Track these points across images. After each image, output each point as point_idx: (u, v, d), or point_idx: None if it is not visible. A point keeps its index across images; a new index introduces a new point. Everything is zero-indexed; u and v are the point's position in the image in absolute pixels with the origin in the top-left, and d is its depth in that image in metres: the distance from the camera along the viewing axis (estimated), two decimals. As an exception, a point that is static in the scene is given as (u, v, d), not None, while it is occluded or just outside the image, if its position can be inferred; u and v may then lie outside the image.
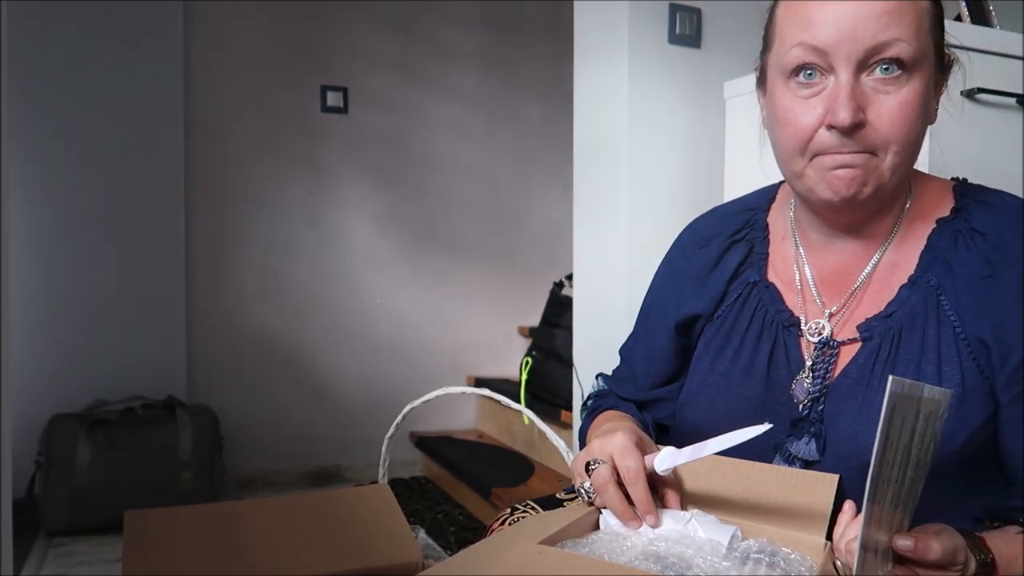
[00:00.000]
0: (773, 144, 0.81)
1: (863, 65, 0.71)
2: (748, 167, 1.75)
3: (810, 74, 0.74)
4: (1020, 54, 1.49)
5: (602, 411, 0.99)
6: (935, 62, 0.75)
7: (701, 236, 0.95)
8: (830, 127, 0.73)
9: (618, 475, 0.73)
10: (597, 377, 1.08)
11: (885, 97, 0.72)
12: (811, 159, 0.75)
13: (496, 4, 3.38)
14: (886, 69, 0.71)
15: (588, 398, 1.06)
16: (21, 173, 2.54)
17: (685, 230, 0.99)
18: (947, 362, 0.73)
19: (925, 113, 0.74)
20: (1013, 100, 1.47)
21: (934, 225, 0.79)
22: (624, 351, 1.04)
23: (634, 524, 0.71)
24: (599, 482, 0.73)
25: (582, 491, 0.75)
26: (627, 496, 0.72)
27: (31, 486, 2.41)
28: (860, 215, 0.79)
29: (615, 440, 0.75)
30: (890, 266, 0.80)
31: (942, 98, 0.81)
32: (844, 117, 0.70)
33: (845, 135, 0.72)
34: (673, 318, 0.93)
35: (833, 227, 0.82)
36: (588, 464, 0.75)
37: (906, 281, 0.78)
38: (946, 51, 0.78)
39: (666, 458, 0.72)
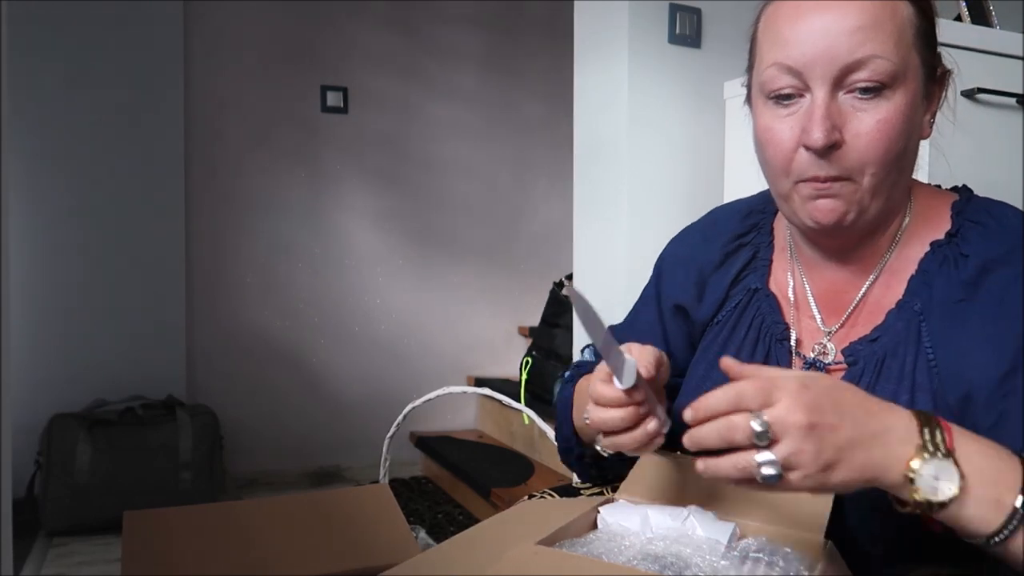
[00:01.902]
0: (760, 163, 0.79)
1: (839, 83, 0.69)
2: (748, 167, 1.75)
3: (788, 94, 0.72)
4: (1020, 54, 1.49)
5: (584, 376, 0.95)
6: (923, 74, 0.72)
7: (705, 232, 0.94)
8: (807, 147, 0.71)
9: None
10: (583, 349, 1.06)
11: (863, 115, 0.69)
12: (795, 183, 0.74)
13: (496, 4, 3.38)
14: (864, 90, 0.69)
15: (565, 369, 1.04)
16: (21, 173, 2.54)
17: (692, 224, 0.98)
18: (921, 390, 0.71)
19: (909, 130, 0.71)
20: (1013, 100, 1.47)
21: (927, 248, 0.76)
22: (616, 329, 1.01)
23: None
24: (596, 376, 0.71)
25: (585, 420, 0.73)
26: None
27: (31, 486, 2.41)
28: (847, 240, 0.78)
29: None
30: (883, 287, 0.78)
31: (941, 109, 0.78)
32: (818, 138, 0.69)
33: (821, 156, 0.70)
34: (670, 301, 0.92)
35: (824, 250, 0.81)
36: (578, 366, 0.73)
37: (894, 306, 0.76)
38: (941, 62, 0.76)
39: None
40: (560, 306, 2.98)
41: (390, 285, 3.22)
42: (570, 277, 2.79)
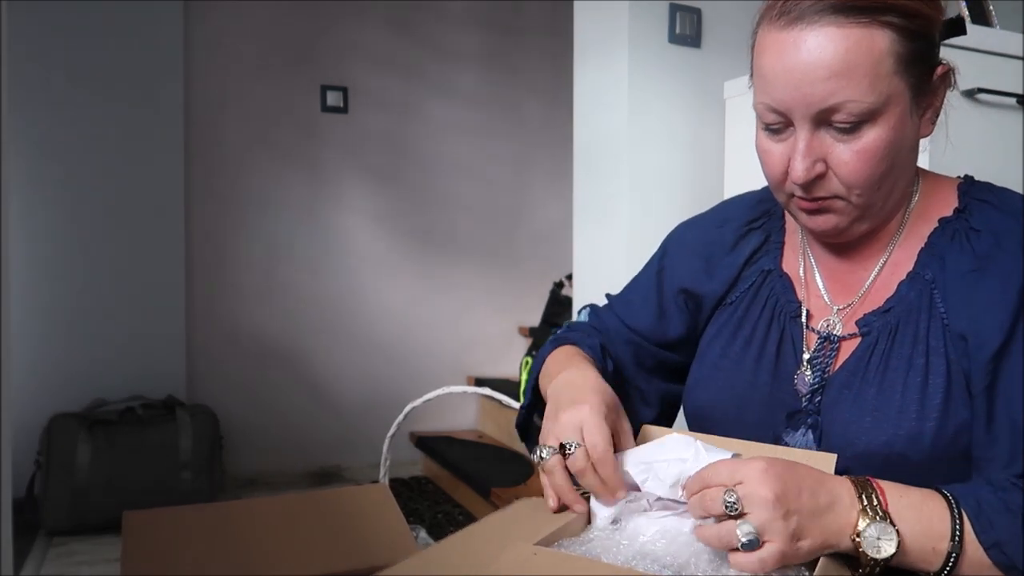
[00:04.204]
0: None
1: (819, 122, 0.72)
2: (748, 167, 1.76)
3: (777, 128, 0.75)
4: (1020, 54, 1.49)
5: (567, 344, 0.96)
6: (910, 94, 0.73)
7: (717, 217, 0.96)
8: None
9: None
10: (581, 310, 1.07)
11: (843, 146, 0.72)
12: (790, 196, 0.78)
13: (496, 4, 3.38)
14: (840, 128, 0.71)
15: (563, 325, 1.06)
16: (21, 173, 2.54)
17: (703, 212, 1.00)
18: (935, 353, 0.74)
19: (895, 148, 0.73)
20: (1013, 100, 1.47)
21: (936, 224, 0.79)
22: (612, 297, 1.03)
23: (609, 499, 0.72)
24: (578, 466, 0.71)
25: (540, 454, 0.74)
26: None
27: (31, 486, 2.41)
28: (851, 237, 0.80)
29: (585, 411, 0.74)
30: (893, 265, 0.81)
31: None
32: (799, 175, 0.73)
33: (805, 188, 0.74)
34: (675, 282, 0.93)
35: (832, 244, 0.84)
36: (563, 446, 0.73)
37: (904, 277, 0.79)
38: (940, 63, 0.76)
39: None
40: (560, 306, 2.98)
41: (390, 285, 3.22)
42: (570, 277, 2.79)
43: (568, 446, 0.72)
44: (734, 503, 0.62)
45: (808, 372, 0.81)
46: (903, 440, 0.72)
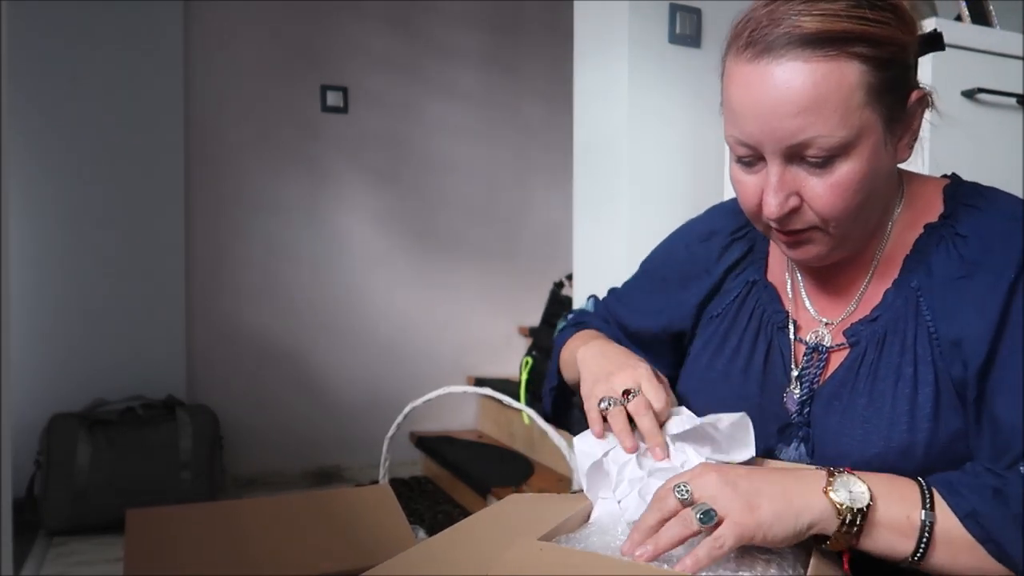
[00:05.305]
0: None
1: (791, 156, 0.70)
2: (748, 167, 1.76)
3: (748, 161, 0.74)
4: (1020, 54, 1.50)
5: (587, 328, 1.01)
6: (883, 125, 0.71)
7: (704, 230, 0.95)
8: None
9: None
10: (589, 299, 1.09)
11: (817, 180, 0.70)
12: (767, 227, 0.77)
13: (496, 4, 3.38)
14: (813, 163, 0.70)
15: (570, 312, 1.08)
16: (21, 173, 2.54)
17: (690, 220, 1.00)
18: (923, 362, 0.73)
19: (871, 178, 0.71)
20: (1013, 100, 1.47)
21: (921, 231, 0.78)
22: (616, 292, 1.05)
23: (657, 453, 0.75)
24: (637, 408, 0.75)
25: (604, 404, 0.77)
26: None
27: (31, 486, 2.41)
28: (833, 261, 0.79)
29: (642, 370, 0.79)
30: (880, 274, 0.80)
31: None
32: (772, 211, 0.72)
33: (780, 222, 0.73)
34: (667, 324, 0.94)
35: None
36: (627, 392, 0.77)
37: (890, 285, 0.78)
38: (916, 88, 0.74)
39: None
40: (560, 306, 2.98)
41: (390, 285, 3.22)
42: (570, 277, 2.79)
43: (632, 391, 0.77)
44: (685, 488, 0.64)
45: (796, 389, 0.81)
46: (896, 452, 0.72)
